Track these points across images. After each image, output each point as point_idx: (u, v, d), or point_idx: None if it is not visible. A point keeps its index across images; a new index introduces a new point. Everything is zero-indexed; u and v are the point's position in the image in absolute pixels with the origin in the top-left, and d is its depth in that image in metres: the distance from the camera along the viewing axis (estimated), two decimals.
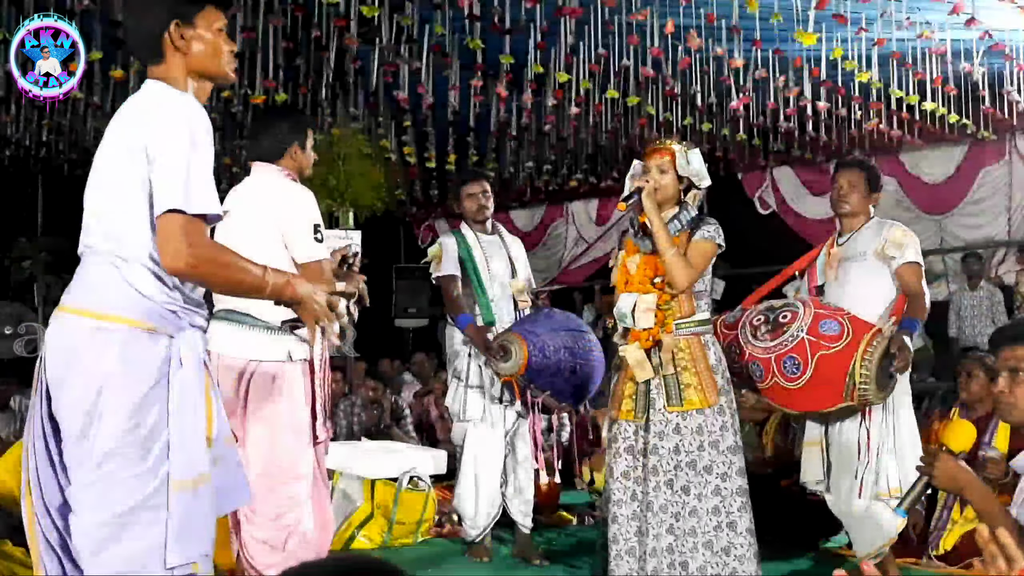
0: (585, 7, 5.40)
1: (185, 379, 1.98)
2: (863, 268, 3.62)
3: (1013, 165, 8.59)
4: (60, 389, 1.95)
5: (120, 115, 2.06)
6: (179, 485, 1.94)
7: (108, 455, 1.89)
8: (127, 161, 1.96)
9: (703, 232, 3.14)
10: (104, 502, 1.89)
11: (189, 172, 1.92)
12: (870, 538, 3.53)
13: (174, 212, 1.89)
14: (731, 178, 10.15)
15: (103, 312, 1.95)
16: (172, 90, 2.04)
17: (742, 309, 3.70)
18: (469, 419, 4.07)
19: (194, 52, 2.08)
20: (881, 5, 5.50)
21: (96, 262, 2.00)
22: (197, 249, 1.91)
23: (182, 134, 1.94)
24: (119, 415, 1.90)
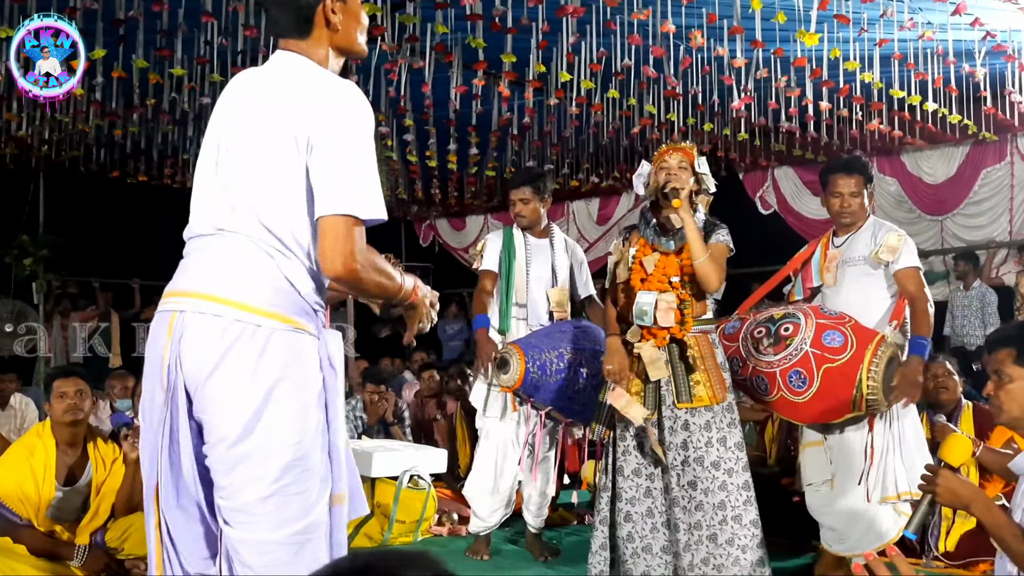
0: (587, 6, 5.40)
1: (337, 382, 1.87)
2: (861, 272, 3.60)
3: (1014, 166, 8.58)
4: (209, 387, 1.77)
5: (260, 90, 1.88)
6: (338, 499, 1.84)
7: (286, 468, 1.75)
8: (286, 147, 1.79)
9: (718, 236, 3.23)
10: (284, 518, 1.75)
11: (361, 172, 1.78)
12: (867, 541, 3.52)
13: (344, 216, 1.75)
14: (732, 178, 10.15)
15: (262, 307, 1.78)
16: (334, 76, 1.89)
17: (740, 318, 3.68)
18: (489, 417, 4.08)
19: (344, 27, 1.94)
20: (883, 5, 5.49)
21: (248, 250, 1.81)
22: (362, 256, 1.78)
23: (354, 130, 1.80)
24: (292, 425, 1.76)
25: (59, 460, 3.61)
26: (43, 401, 4.48)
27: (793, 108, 6.94)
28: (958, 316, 7.89)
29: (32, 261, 8.95)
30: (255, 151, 1.83)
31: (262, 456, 1.74)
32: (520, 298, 4.10)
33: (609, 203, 11.18)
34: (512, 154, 8.88)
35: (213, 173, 1.89)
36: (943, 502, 2.16)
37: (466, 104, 6.80)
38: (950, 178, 8.92)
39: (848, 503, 3.55)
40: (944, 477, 2.13)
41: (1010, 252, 8.51)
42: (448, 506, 4.91)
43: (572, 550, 4.36)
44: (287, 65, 1.90)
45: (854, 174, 3.64)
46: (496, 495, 4.10)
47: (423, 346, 9.79)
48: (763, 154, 9.03)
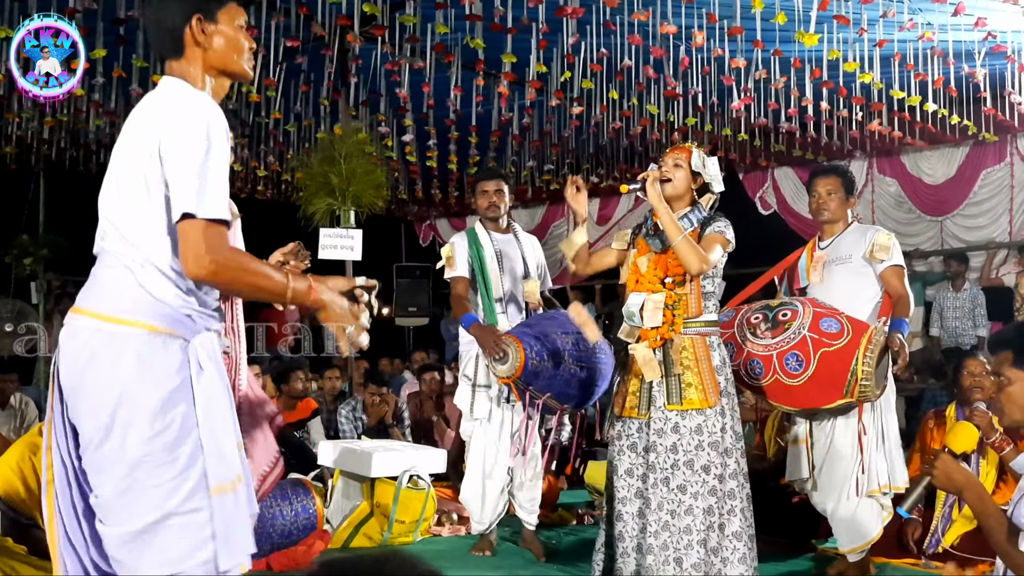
0: (587, 7, 5.40)
1: (208, 382, 1.95)
2: (848, 271, 3.75)
3: (1014, 167, 8.59)
4: (76, 395, 1.91)
5: (136, 113, 2.01)
6: (219, 489, 1.91)
7: (135, 464, 1.86)
8: (141, 161, 1.91)
9: (714, 227, 3.19)
10: (136, 511, 1.86)
11: (206, 175, 1.86)
12: (854, 535, 3.62)
13: (192, 217, 1.84)
14: (732, 178, 10.15)
15: (118, 316, 1.90)
16: (189, 88, 1.99)
17: (733, 309, 3.75)
18: (476, 418, 4.08)
19: (215, 48, 2.03)
20: (883, 6, 5.49)
21: (110, 264, 1.95)
22: (218, 255, 1.86)
23: (198, 135, 1.88)
24: (141, 423, 1.86)
25: None
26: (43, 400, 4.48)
27: (793, 108, 6.95)
28: (949, 317, 7.92)
29: (32, 261, 8.96)
30: (119, 172, 1.96)
31: (117, 454, 1.86)
32: (497, 293, 4.13)
33: (609, 203, 11.19)
34: (512, 154, 8.88)
35: (102, 198, 2.02)
36: (938, 484, 2.19)
37: (466, 104, 6.80)
38: (950, 179, 8.92)
39: (834, 500, 3.64)
40: (942, 461, 2.16)
41: (1010, 253, 8.52)
42: (448, 506, 4.91)
43: (570, 550, 4.37)
44: (160, 87, 2.03)
45: (831, 175, 3.87)
46: (488, 497, 4.12)
47: (424, 346, 9.80)
48: (763, 154, 9.03)
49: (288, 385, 5.73)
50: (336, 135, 6.85)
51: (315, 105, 7.52)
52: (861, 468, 3.54)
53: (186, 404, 1.91)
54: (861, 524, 3.60)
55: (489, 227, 4.26)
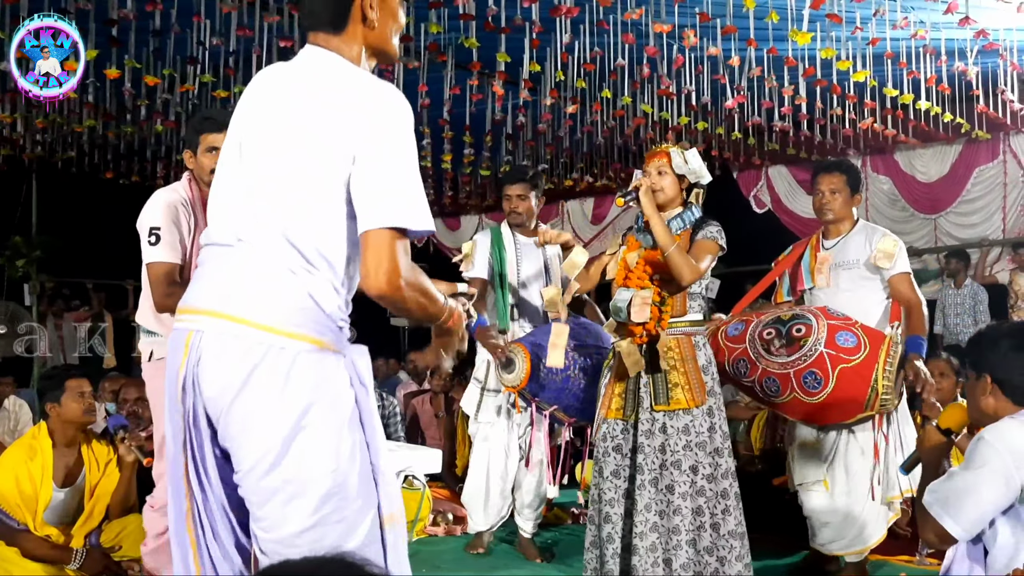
0: (580, 6, 5.40)
1: (369, 400, 1.77)
2: (856, 275, 3.67)
3: (1007, 164, 8.61)
4: (234, 413, 1.67)
5: (298, 88, 1.77)
6: (390, 519, 1.74)
7: (326, 497, 1.66)
8: (321, 155, 1.69)
9: (706, 232, 3.19)
10: (322, 548, 1.65)
11: (406, 184, 1.68)
12: (858, 539, 3.59)
13: (391, 229, 1.65)
14: (726, 177, 10.16)
15: (286, 328, 1.67)
16: (374, 78, 1.77)
17: (743, 320, 3.66)
18: (482, 422, 4.06)
19: (381, 26, 1.83)
20: (875, 4, 5.50)
21: (269, 268, 1.70)
22: (407, 273, 1.68)
23: (399, 138, 1.69)
24: (327, 451, 1.67)
25: (56, 462, 3.60)
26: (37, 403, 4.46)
27: (786, 107, 6.96)
28: (950, 314, 7.92)
29: (25, 262, 8.93)
30: (284, 157, 1.72)
31: (298, 486, 1.66)
32: (513, 297, 4.07)
33: (603, 203, 11.19)
34: (506, 154, 8.88)
35: (234, 176, 1.80)
36: (920, 451, 2.45)
37: (460, 104, 6.80)
38: (943, 176, 8.94)
39: (846, 503, 3.59)
40: (924, 431, 2.45)
41: (1003, 250, 8.55)
42: (443, 506, 4.91)
43: (567, 549, 4.37)
44: (321, 64, 1.79)
45: (834, 172, 3.75)
46: (492, 501, 4.10)
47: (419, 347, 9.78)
48: (757, 153, 9.04)
49: None
50: None
51: None
52: (878, 478, 3.49)
53: (358, 427, 1.73)
54: (866, 528, 3.56)
55: (515, 229, 4.17)
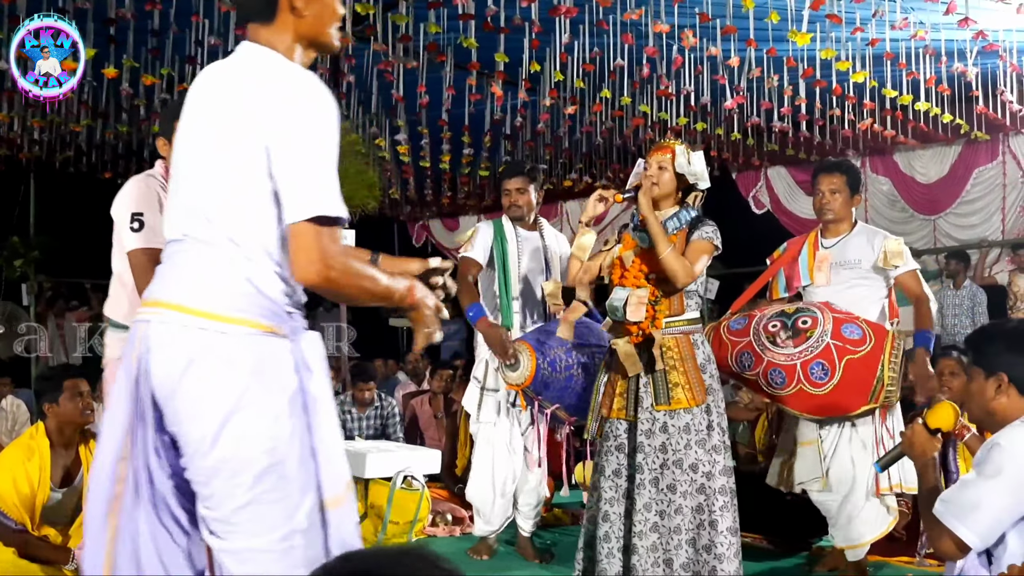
0: (580, 6, 5.40)
1: (319, 385, 1.81)
2: (856, 275, 3.72)
3: (1006, 165, 8.62)
4: (178, 399, 1.73)
5: (221, 86, 1.80)
6: (334, 501, 1.79)
7: (261, 475, 1.71)
8: (249, 150, 1.72)
9: (701, 232, 3.17)
10: (263, 526, 1.72)
11: (323, 170, 1.71)
12: (856, 533, 3.61)
13: (311, 221, 1.69)
14: (725, 177, 10.16)
15: (226, 314, 1.73)
16: (296, 67, 1.79)
17: (746, 315, 3.68)
18: (483, 422, 4.04)
19: (311, 14, 1.82)
20: (875, 5, 5.50)
21: (210, 256, 1.76)
22: (333, 260, 1.70)
23: (317, 125, 1.71)
24: (263, 431, 1.72)
25: (54, 462, 3.59)
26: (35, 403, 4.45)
27: (786, 107, 6.96)
28: (948, 315, 7.93)
29: (23, 263, 8.92)
30: (218, 155, 1.77)
31: (236, 464, 1.71)
32: (515, 291, 4.05)
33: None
34: (505, 154, 8.88)
35: (179, 175, 1.86)
36: (904, 449, 2.39)
37: (459, 104, 6.79)
38: (942, 177, 8.94)
39: (845, 496, 3.62)
40: (912, 429, 2.36)
41: (1003, 251, 8.55)
42: (442, 507, 4.90)
43: (566, 550, 4.36)
44: (250, 59, 1.82)
45: (835, 173, 3.79)
46: (499, 499, 4.08)
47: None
48: (756, 154, 9.04)
49: None
50: None
51: None
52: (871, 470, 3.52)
53: (301, 410, 1.77)
54: (865, 523, 3.59)
55: (516, 223, 4.14)
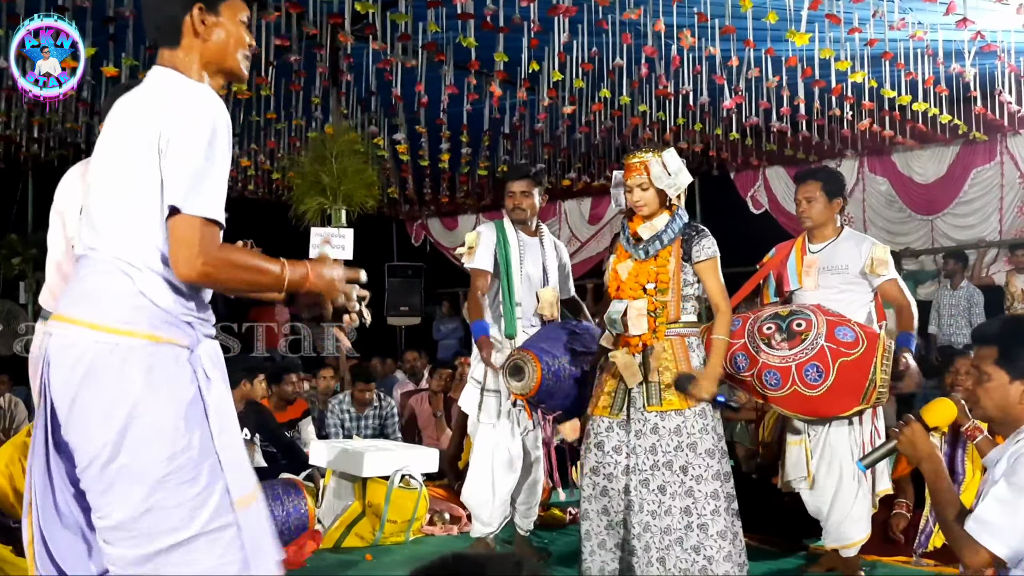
0: (579, 5, 5.40)
1: (217, 392, 1.85)
2: (843, 280, 3.78)
3: (1004, 166, 8.63)
4: (73, 412, 1.77)
5: (126, 105, 1.88)
6: (242, 503, 1.83)
7: (156, 484, 1.74)
8: (138, 156, 1.78)
9: (702, 250, 3.20)
10: (156, 532, 1.74)
11: (207, 172, 1.76)
12: (847, 533, 3.64)
13: (181, 215, 1.74)
14: (724, 177, 10.17)
15: (118, 327, 1.77)
16: (189, 80, 1.87)
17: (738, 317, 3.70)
18: (484, 423, 4.03)
19: (213, 41, 1.91)
20: (873, 5, 5.50)
21: (103, 269, 1.81)
22: (210, 254, 1.75)
23: (202, 129, 1.77)
24: (159, 440, 1.75)
25: None
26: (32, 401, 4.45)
27: (785, 108, 6.96)
28: (945, 315, 7.94)
29: (21, 261, 8.91)
30: (113, 169, 1.83)
31: (132, 475, 1.74)
32: (517, 297, 4.03)
33: (601, 203, 11.18)
34: (504, 153, 8.88)
35: (89, 197, 1.91)
36: (901, 449, 2.25)
37: (458, 103, 6.79)
38: (940, 178, 8.95)
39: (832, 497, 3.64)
40: (911, 428, 2.23)
41: (1000, 251, 8.56)
42: (439, 506, 4.90)
43: (563, 549, 4.36)
44: (152, 80, 1.90)
45: (808, 181, 3.89)
46: (496, 500, 4.07)
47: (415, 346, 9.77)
48: (754, 153, 9.05)
49: (279, 387, 5.73)
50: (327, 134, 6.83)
51: (306, 104, 7.50)
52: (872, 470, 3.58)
53: (200, 417, 1.81)
54: (855, 522, 3.62)
55: (518, 227, 4.10)
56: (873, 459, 2.40)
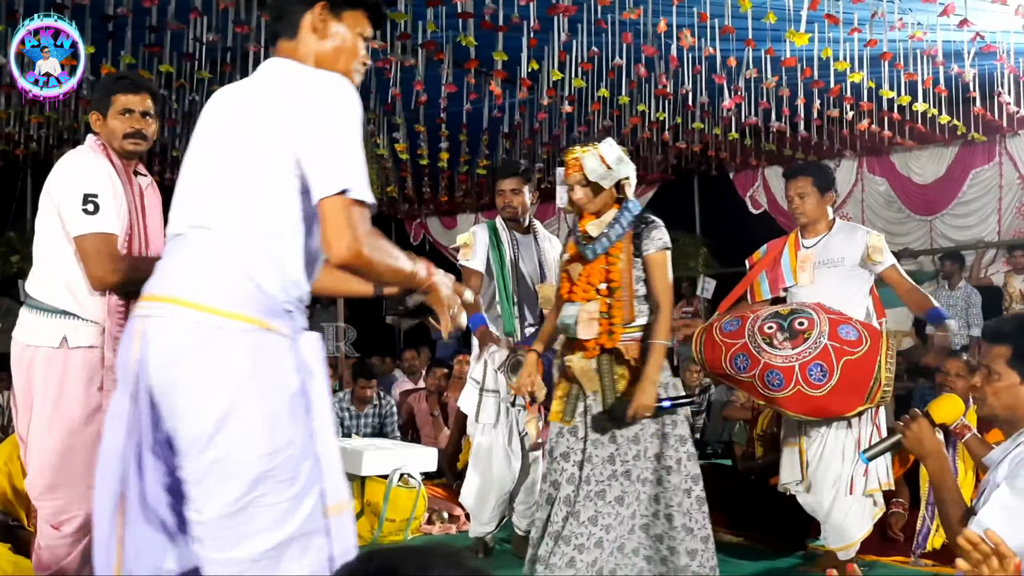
0: (578, 5, 5.40)
1: (319, 387, 1.77)
2: (840, 273, 3.74)
3: (1003, 167, 8.64)
4: (172, 395, 1.69)
5: (251, 92, 1.85)
6: (336, 508, 1.74)
7: (255, 481, 1.65)
8: (269, 142, 1.74)
9: (653, 243, 3.02)
10: (250, 534, 1.66)
11: (358, 157, 1.73)
12: (846, 533, 3.63)
13: (342, 196, 1.67)
14: (723, 177, 10.18)
15: (224, 308, 1.69)
16: (320, 70, 1.84)
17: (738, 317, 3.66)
18: (482, 423, 4.03)
19: (329, 42, 1.90)
20: (873, 6, 5.51)
21: (210, 250, 1.74)
22: (368, 238, 1.69)
23: (349, 114, 1.75)
24: (260, 433, 1.66)
25: None
26: None
27: (784, 108, 6.97)
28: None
29: (20, 258, 8.91)
30: (231, 150, 1.79)
31: (230, 467, 1.66)
32: (514, 297, 4.04)
33: None
34: (503, 152, 8.88)
35: (192, 177, 1.86)
36: (907, 445, 2.23)
37: (457, 102, 6.79)
38: (939, 178, 8.96)
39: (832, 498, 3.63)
40: (918, 423, 2.20)
41: (998, 252, 8.57)
42: (438, 504, 4.90)
43: None
44: (273, 69, 1.88)
45: (799, 177, 3.85)
46: (492, 501, 4.07)
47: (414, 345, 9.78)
48: (753, 154, 9.05)
49: None
50: None
51: None
52: (865, 469, 3.55)
53: (303, 412, 1.72)
54: (853, 522, 3.61)
55: (510, 225, 4.10)
56: (876, 452, 2.36)
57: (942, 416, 2.27)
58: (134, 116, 2.73)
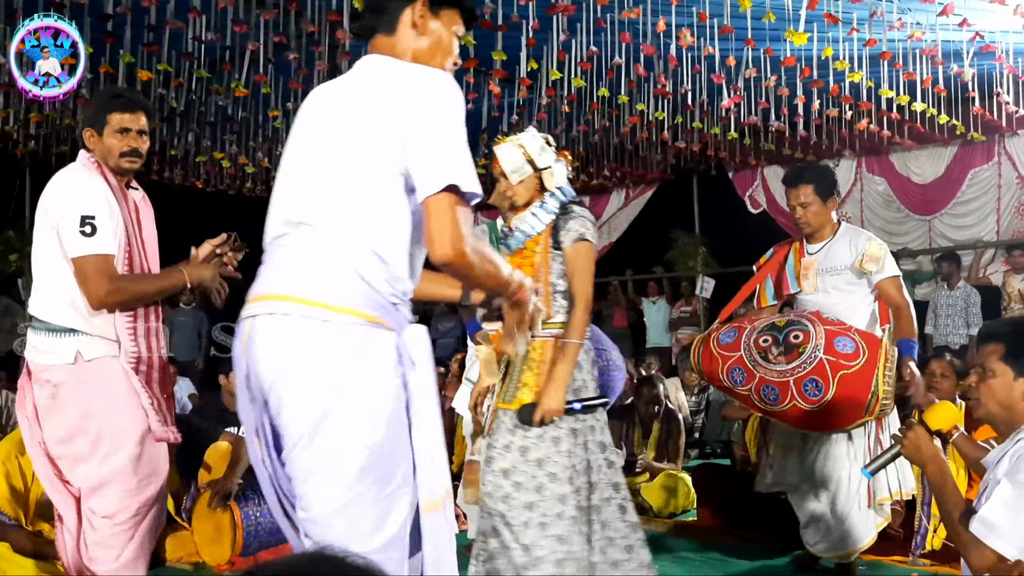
0: (577, 4, 5.40)
1: (422, 380, 1.75)
2: (843, 280, 3.67)
3: (1002, 166, 8.64)
4: (280, 389, 1.69)
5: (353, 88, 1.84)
6: (430, 506, 1.71)
7: (358, 476, 1.65)
8: (372, 137, 1.73)
9: (569, 235, 2.85)
10: (356, 533, 1.64)
11: (463, 153, 1.71)
12: (849, 541, 3.59)
13: (447, 193, 1.66)
14: (722, 177, 10.18)
15: (333, 303, 1.69)
16: (422, 65, 1.83)
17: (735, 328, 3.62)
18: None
19: (427, 39, 1.91)
20: (872, 5, 5.51)
21: (316, 246, 1.74)
22: (469, 236, 1.69)
23: (449, 113, 1.73)
24: (363, 426, 1.66)
25: None
26: None
27: (783, 107, 6.96)
28: (942, 316, 7.95)
29: (18, 257, 8.90)
30: (335, 146, 1.78)
31: (335, 460, 1.66)
32: None
33: (599, 201, 11.18)
34: None
35: (293, 176, 1.86)
36: (906, 454, 2.25)
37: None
38: (938, 178, 8.97)
39: (834, 507, 3.60)
40: (915, 432, 2.22)
41: (997, 252, 8.57)
42: None
43: None
44: (373, 65, 1.87)
45: (800, 185, 3.72)
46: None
47: None
48: (752, 153, 9.05)
49: None
50: None
51: None
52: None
53: (402, 410, 1.72)
54: (854, 532, 3.57)
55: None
56: (878, 465, 2.38)
57: (937, 423, 2.28)
58: (131, 135, 2.75)
